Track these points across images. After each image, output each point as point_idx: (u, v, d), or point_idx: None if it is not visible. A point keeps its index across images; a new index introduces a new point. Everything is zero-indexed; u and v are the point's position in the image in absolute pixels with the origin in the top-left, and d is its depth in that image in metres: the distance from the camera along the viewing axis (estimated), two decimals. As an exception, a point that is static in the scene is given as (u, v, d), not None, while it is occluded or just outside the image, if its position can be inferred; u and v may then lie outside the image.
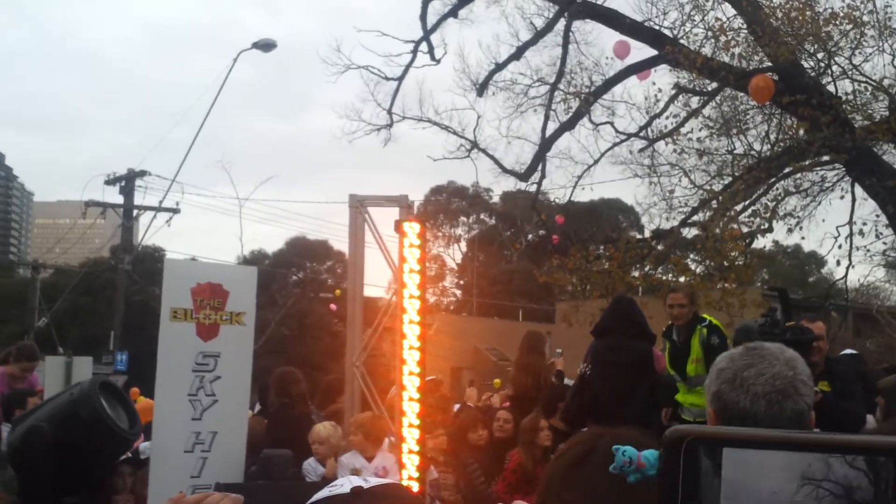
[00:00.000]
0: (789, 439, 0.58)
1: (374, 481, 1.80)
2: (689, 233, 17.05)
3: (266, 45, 24.63)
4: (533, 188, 20.38)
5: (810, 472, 0.56)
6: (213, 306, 7.59)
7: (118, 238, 32.77)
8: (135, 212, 31.50)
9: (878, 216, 14.97)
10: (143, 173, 31.05)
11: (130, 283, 31.83)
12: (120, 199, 31.55)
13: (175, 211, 28.99)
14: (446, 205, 56.04)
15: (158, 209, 28.60)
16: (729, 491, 0.57)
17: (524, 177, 19.75)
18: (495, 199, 51.80)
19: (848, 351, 9.98)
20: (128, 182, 31.22)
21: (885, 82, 15.74)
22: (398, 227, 8.05)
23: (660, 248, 16.66)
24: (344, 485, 1.76)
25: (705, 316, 8.28)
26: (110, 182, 31.34)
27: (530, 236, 41.05)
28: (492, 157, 20.00)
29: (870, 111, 15.62)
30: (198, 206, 49.05)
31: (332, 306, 33.84)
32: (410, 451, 7.68)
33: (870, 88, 15.80)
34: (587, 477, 1.85)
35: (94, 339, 33.92)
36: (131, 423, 6.84)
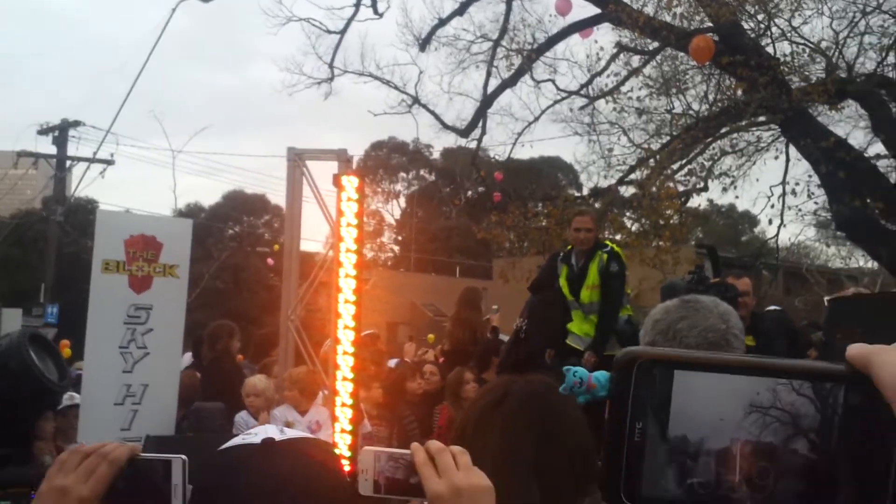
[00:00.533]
0: (740, 363, 0.59)
1: (290, 433, 1.78)
2: (627, 191, 17.20)
3: (205, -6, 24.10)
4: (473, 145, 20.39)
5: (758, 400, 0.56)
6: (147, 258, 7.47)
7: (50, 189, 32.11)
8: (68, 163, 30.88)
9: (810, 176, 15.23)
10: (76, 123, 30.43)
11: (63, 234, 31.26)
12: (53, 150, 30.91)
13: (109, 162, 28.46)
14: (386, 160, 55.77)
15: (92, 160, 28.05)
16: (678, 414, 0.57)
17: (465, 133, 19.73)
18: (436, 155, 51.74)
19: (773, 307, 10.15)
20: (61, 132, 30.56)
21: (823, 44, 15.95)
22: (336, 180, 7.99)
23: (597, 205, 16.76)
24: (258, 434, 1.75)
25: (607, 242, 8.39)
26: (43, 132, 30.67)
27: (470, 193, 41.07)
28: (433, 112, 19.96)
29: (807, 73, 15.83)
30: (134, 157, 48.22)
31: (269, 260, 33.65)
32: (344, 405, 7.67)
33: (807, 50, 16.00)
34: (502, 419, 1.91)
35: (24, 292, 33.28)
36: (60, 375, 6.72)
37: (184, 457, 1.72)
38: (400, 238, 56.76)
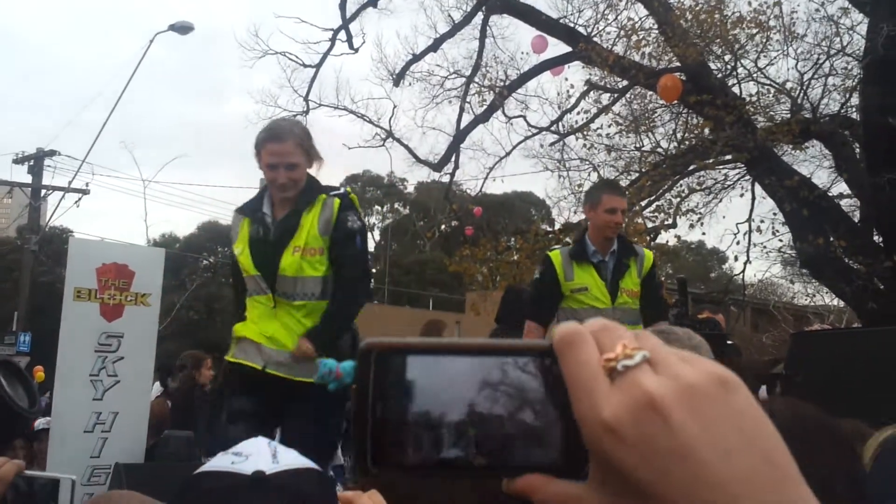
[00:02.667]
0: (465, 345, 0.67)
1: (283, 461, 1.63)
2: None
3: (183, 28, 24.30)
4: (447, 179, 20.55)
5: (489, 377, 0.66)
6: (119, 287, 7.55)
7: (25, 218, 32.00)
8: (43, 192, 30.81)
9: (775, 214, 15.47)
10: (52, 153, 30.37)
11: (37, 263, 31.14)
12: (28, 179, 30.85)
13: (84, 192, 28.42)
14: (361, 193, 55.90)
15: (67, 189, 28.02)
16: (417, 395, 0.66)
17: (438, 167, 19.87)
18: (410, 189, 51.93)
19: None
20: (37, 161, 30.51)
21: (788, 85, 16.28)
22: (308, 212, 8.08)
23: (567, 240, 16.93)
24: (248, 456, 1.62)
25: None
26: (18, 161, 30.61)
27: (443, 226, 41.23)
28: (406, 146, 20.10)
29: (772, 113, 16.14)
30: (109, 187, 48.18)
31: (243, 291, 33.54)
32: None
33: (773, 91, 16.33)
34: None
35: (-4, 320, 33.11)
36: (31, 401, 6.77)
37: (73, 477, 1.72)
38: (374, 270, 56.81)
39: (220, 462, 1.62)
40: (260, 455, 1.62)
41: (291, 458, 1.66)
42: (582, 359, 0.64)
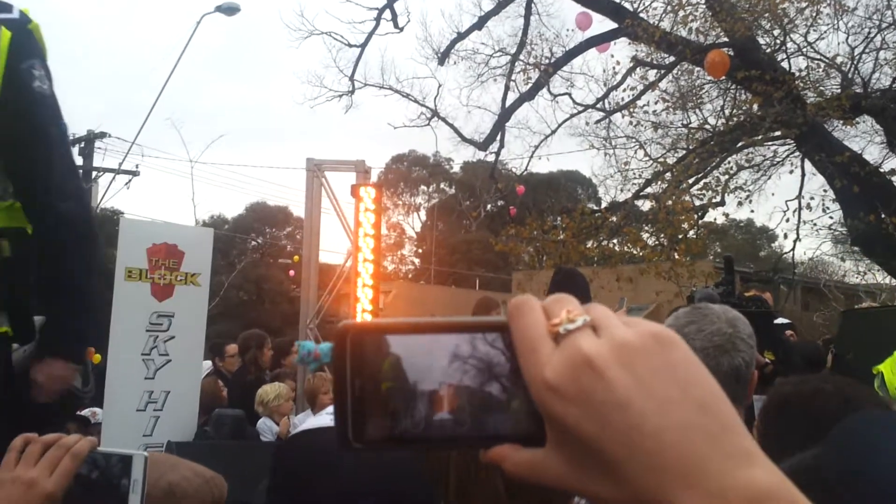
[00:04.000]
0: (430, 324, 0.71)
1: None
2: (644, 205, 17.29)
3: (229, 9, 24.35)
4: (492, 157, 20.53)
5: (459, 351, 0.69)
6: (169, 267, 7.65)
7: (76, 200, 32.37)
8: (94, 174, 31.20)
9: (825, 191, 15.30)
10: (102, 135, 30.72)
11: (88, 245, 31.51)
12: (79, 161, 31.23)
13: (134, 174, 28.77)
14: (407, 173, 55.94)
15: (118, 171, 28.37)
16: (392, 373, 0.70)
17: (483, 146, 19.85)
18: (455, 168, 51.86)
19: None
20: (87, 144, 30.87)
21: (838, 60, 16.03)
22: (354, 191, 8.16)
23: (614, 219, 16.86)
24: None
25: None
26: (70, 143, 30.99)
27: (489, 206, 41.18)
28: (452, 125, 20.12)
29: (822, 88, 15.89)
30: (159, 169, 48.57)
31: (291, 272, 33.84)
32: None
33: (822, 65, 16.09)
34: None
35: (50, 302, 33.54)
36: (84, 381, 6.90)
37: (146, 453, 1.76)
38: (420, 250, 56.85)
39: (318, 420, 1.67)
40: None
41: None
42: (528, 323, 0.68)
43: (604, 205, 20.37)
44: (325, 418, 1.73)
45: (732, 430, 0.63)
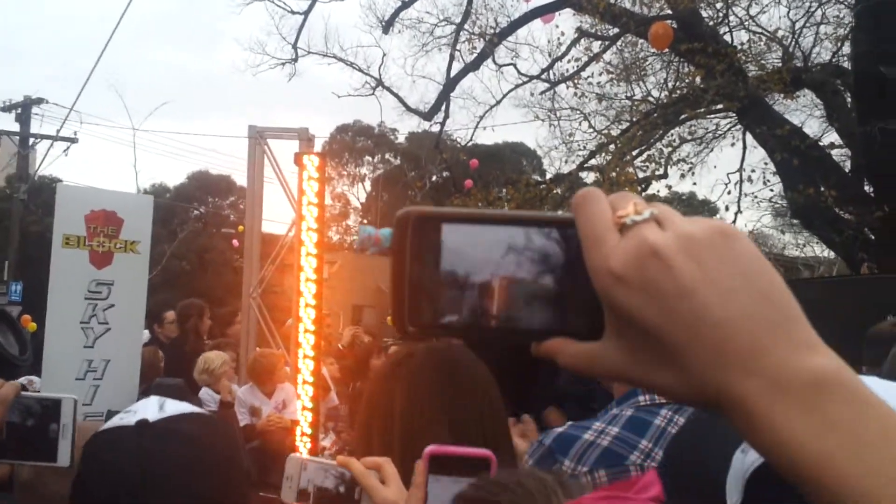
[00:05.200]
0: (496, 216, 0.73)
1: (170, 410, 1.68)
2: (588, 176, 17.39)
3: (169, -27, 23.98)
4: (437, 128, 20.49)
5: (514, 243, 0.71)
6: (108, 234, 7.53)
7: (14, 167, 31.83)
8: (31, 140, 30.63)
9: (766, 164, 15.49)
10: (40, 101, 30.17)
11: (27, 213, 31.01)
12: (16, 127, 30.64)
13: (73, 140, 28.30)
14: (352, 144, 55.64)
15: (56, 138, 27.86)
16: (448, 257, 0.71)
17: (428, 116, 19.83)
18: (401, 139, 51.69)
19: None
20: (24, 109, 30.31)
21: (780, 33, 16.21)
22: (297, 159, 8.08)
23: (558, 191, 16.93)
24: (137, 412, 1.66)
25: None
26: (6, 109, 30.42)
27: (434, 177, 41.18)
28: (396, 95, 20.08)
29: (763, 61, 16.08)
30: (98, 136, 47.90)
31: (234, 242, 33.54)
32: (305, 382, 7.80)
33: (764, 39, 16.26)
34: (407, 372, 2.03)
35: (-13, 270, 33.02)
36: (21, 348, 6.78)
37: (75, 396, 1.75)
38: (366, 221, 56.65)
39: (112, 420, 1.67)
40: (147, 408, 1.66)
41: (179, 406, 1.70)
42: (595, 214, 0.69)
43: (548, 176, 20.45)
44: (118, 417, 1.71)
45: (795, 319, 0.64)
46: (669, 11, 15.16)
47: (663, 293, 0.64)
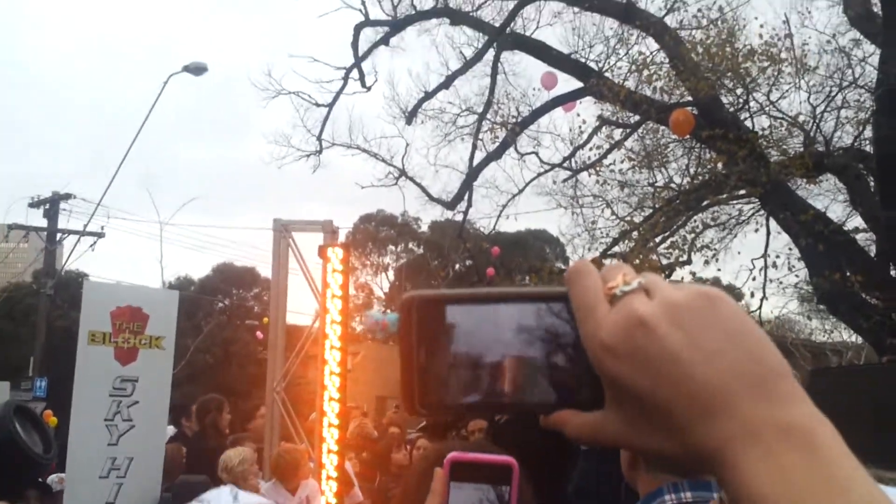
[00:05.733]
0: (499, 294, 0.74)
1: (244, 501, 1.70)
2: (611, 263, 17.31)
3: (197, 69, 24.42)
4: (460, 217, 20.56)
5: (525, 322, 0.72)
6: (133, 330, 7.54)
7: (41, 262, 32.15)
8: (58, 235, 30.97)
9: (790, 249, 15.37)
10: (67, 196, 30.60)
11: (53, 308, 31.21)
12: (44, 223, 31.02)
13: (100, 235, 28.58)
14: (375, 233, 55.97)
15: (83, 233, 28.16)
16: (457, 341, 0.72)
17: (451, 205, 19.91)
18: (424, 228, 51.97)
19: None
20: (52, 205, 30.71)
21: (801, 118, 16.22)
22: (322, 252, 8.11)
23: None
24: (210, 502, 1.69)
25: None
26: (34, 205, 30.84)
27: (458, 265, 41.25)
28: (419, 185, 20.18)
29: (785, 146, 16.07)
30: (124, 230, 48.44)
31: (259, 334, 33.57)
32: (329, 478, 7.71)
33: (785, 124, 16.28)
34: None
35: (14, 365, 33.10)
36: (46, 447, 6.75)
37: None
38: (388, 312, 56.68)
39: None
40: (221, 497, 1.65)
41: (252, 499, 1.69)
42: (586, 286, 0.72)
43: (571, 263, 20.40)
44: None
45: (779, 375, 0.67)
46: (690, 98, 15.26)
47: (651, 360, 0.67)
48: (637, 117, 16.40)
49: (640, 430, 0.70)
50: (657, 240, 15.97)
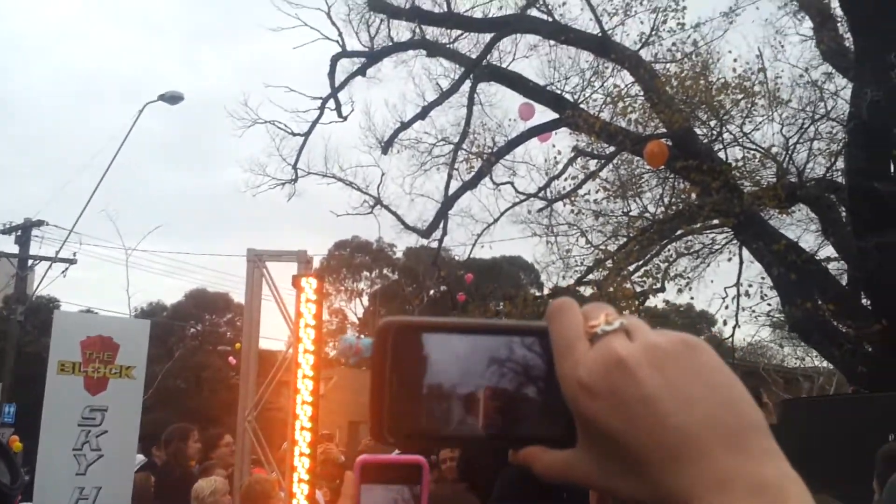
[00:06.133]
0: (474, 325, 0.74)
1: None
2: (585, 291, 17.38)
3: (172, 98, 24.38)
4: (435, 244, 20.58)
5: (497, 354, 0.72)
6: (103, 360, 7.49)
7: (11, 288, 31.88)
8: (30, 262, 30.76)
9: (763, 278, 15.47)
10: (40, 223, 30.42)
11: (23, 333, 30.94)
12: (15, 249, 30.81)
13: (71, 262, 28.40)
14: (350, 259, 55.90)
15: (54, 259, 27.98)
16: (430, 370, 0.72)
17: (426, 234, 19.93)
18: (399, 254, 51.96)
19: None
20: (24, 231, 30.52)
21: (773, 150, 16.40)
22: (296, 282, 8.09)
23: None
24: None
25: None
26: (6, 231, 30.65)
27: (432, 292, 41.28)
28: (395, 213, 20.19)
29: (758, 177, 16.23)
30: (97, 257, 48.03)
31: (231, 359, 33.38)
32: (300, 508, 7.64)
33: (758, 156, 16.45)
34: None
35: (-19, 391, 32.76)
36: (13, 477, 6.67)
37: None
38: (362, 336, 56.54)
39: None
40: None
41: None
42: (567, 323, 0.71)
43: (546, 290, 20.42)
44: None
45: (754, 429, 0.66)
46: (664, 129, 15.38)
47: (626, 401, 0.67)
48: (612, 148, 16.51)
49: (610, 471, 0.69)
50: (631, 268, 16.04)
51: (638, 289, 16.05)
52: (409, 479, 1.02)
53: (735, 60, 15.84)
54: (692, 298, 19.99)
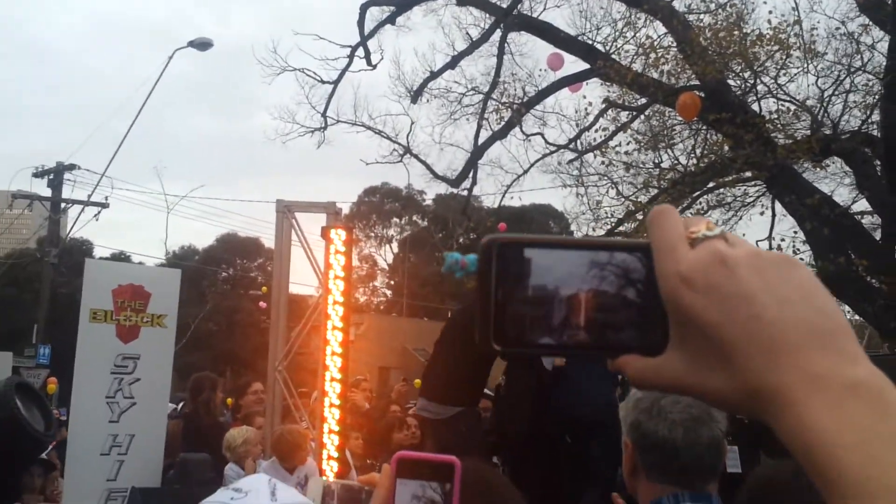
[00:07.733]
0: (578, 241, 0.78)
1: (282, 501, 1.73)
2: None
3: (202, 44, 24.40)
4: (464, 193, 20.54)
5: (598, 267, 0.76)
6: (135, 308, 7.58)
7: (45, 230, 32.24)
8: (62, 205, 31.03)
9: (795, 233, 15.32)
10: (72, 167, 30.64)
11: (57, 275, 31.32)
12: (48, 192, 31.08)
13: (104, 205, 28.66)
14: (380, 206, 55.95)
15: (87, 203, 28.23)
16: (533, 283, 0.76)
17: (455, 183, 19.88)
18: (428, 201, 51.93)
19: None
20: (56, 175, 30.75)
21: (808, 102, 16.14)
22: (325, 233, 8.11)
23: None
24: (249, 495, 1.71)
25: None
26: (38, 175, 30.89)
27: (462, 239, 41.28)
28: (424, 162, 20.13)
29: (792, 130, 16.00)
30: (128, 201, 48.30)
31: (262, 304, 33.65)
32: (330, 458, 7.74)
33: (793, 108, 16.20)
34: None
35: (17, 332, 33.22)
36: (47, 424, 6.79)
37: None
38: (392, 283, 56.76)
39: (221, 497, 1.73)
40: (259, 493, 1.72)
41: (290, 496, 1.78)
42: (669, 226, 0.75)
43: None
44: (227, 493, 1.71)
45: (844, 334, 0.70)
46: (697, 81, 15.19)
47: (725, 296, 0.70)
48: (644, 100, 16.34)
49: (701, 368, 0.72)
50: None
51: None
52: (443, 477, 1.05)
53: (770, 12, 15.55)
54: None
